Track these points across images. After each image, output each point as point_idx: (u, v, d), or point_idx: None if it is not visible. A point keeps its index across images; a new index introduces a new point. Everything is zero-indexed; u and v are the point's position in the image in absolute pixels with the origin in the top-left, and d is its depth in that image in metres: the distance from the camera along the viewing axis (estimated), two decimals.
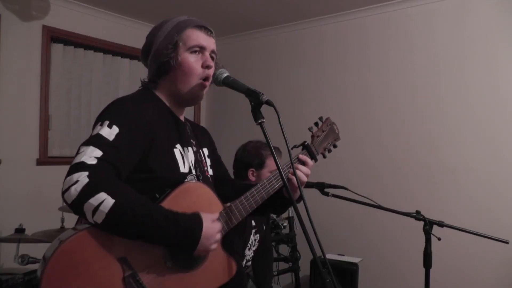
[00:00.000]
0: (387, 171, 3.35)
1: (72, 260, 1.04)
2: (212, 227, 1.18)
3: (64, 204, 2.35)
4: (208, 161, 1.48)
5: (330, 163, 3.27)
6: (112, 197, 1.03)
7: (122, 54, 3.83)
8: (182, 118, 1.43)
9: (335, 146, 1.63)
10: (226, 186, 1.51)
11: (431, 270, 1.90)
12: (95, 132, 1.14)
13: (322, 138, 1.57)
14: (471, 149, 3.00)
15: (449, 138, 3.08)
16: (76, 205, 1.04)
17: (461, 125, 3.05)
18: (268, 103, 1.21)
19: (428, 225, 1.87)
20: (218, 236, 1.21)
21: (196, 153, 1.39)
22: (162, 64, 1.31)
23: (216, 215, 1.25)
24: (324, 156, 1.59)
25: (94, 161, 1.07)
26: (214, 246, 1.20)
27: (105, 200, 1.03)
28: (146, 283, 1.13)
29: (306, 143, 1.51)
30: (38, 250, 2.30)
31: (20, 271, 2.44)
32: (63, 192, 1.05)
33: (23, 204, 3.08)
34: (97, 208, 1.02)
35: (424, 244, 1.89)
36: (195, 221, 1.15)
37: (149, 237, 1.10)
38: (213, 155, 1.55)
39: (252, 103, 1.23)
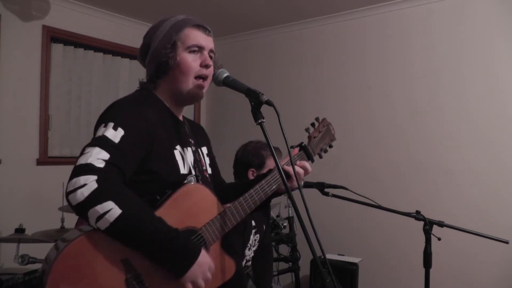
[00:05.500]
0: (386, 171, 3.35)
1: (76, 262, 1.05)
2: (208, 260, 1.17)
3: (65, 204, 2.34)
4: (207, 160, 1.49)
5: (330, 163, 3.28)
6: (120, 207, 1.02)
7: (122, 54, 3.83)
8: (181, 117, 1.42)
9: (330, 146, 1.65)
10: (217, 187, 1.52)
11: (431, 270, 1.90)
12: (99, 133, 1.13)
13: (319, 139, 1.58)
14: (470, 150, 3.00)
15: (448, 139, 3.08)
16: (81, 209, 1.03)
17: (459, 126, 3.05)
18: (268, 103, 1.20)
19: (428, 225, 1.87)
20: (209, 274, 1.18)
21: (195, 153, 1.39)
22: (161, 64, 1.30)
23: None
24: (320, 157, 1.61)
25: (102, 164, 1.05)
26: (200, 281, 1.15)
27: (112, 210, 1.02)
28: (148, 284, 1.13)
29: (303, 144, 1.51)
30: (38, 250, 2.30)
31: (20, 271, 2.44)
32: (68, 193, 1.03)
33: (23, 204, 3.07)
34: (102, 216, 1.02)
35: (424, 244, 1.89)
36: (193, 250, 1.14)
37: (146, 253, 1.10)
38: (211, 153, 1.55)
39: (252, 103, 1.23)
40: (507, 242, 1.84)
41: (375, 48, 3.46)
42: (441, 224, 1.87)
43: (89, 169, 1.04)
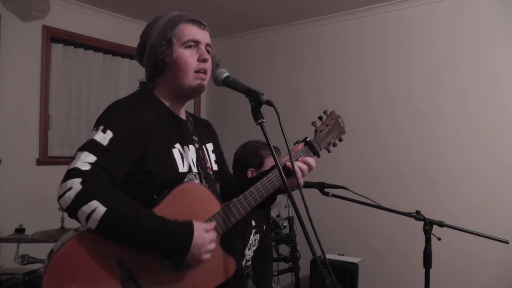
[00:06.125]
0: (386, 171, 3.35)
1: (71, 262, 1.06)
2: (204, 236, 1.17)
3: None
4: (213, 156, 1.48)
5: (330, 163, 3.28)
6: (104, 205, 1.04)
7: (122, 54, 3.83)
8: (182, 114, 1.41)
9: (340, 140, 1.59)
10: (224, 183, 1.51)
11: (431, 270, 1.90)
12: (90, 137, 1.16)
13: (326, 133, 1.53)
14: (470, 150, 3.00)
15: (448, 139, 3.08)
16: (71, 211, 1.06)
17: (459, 126, 3.05)
18: (268, 103, 1.20)
19: (428, 225, 1.87)
20: (211, 246, 1.19)
21: (198, 150, 1.38)
22: (158, 62, 1.30)
23: (212, 224, 1.24)
24: (329, 151, 1.56)
25: (87, 167, 1.08)
26: (206, 256, 1.18)
27: (97, 208, 1.04)
28: (143, 284, 1.13)
29: (308, 139, 1.48)
30: (38, 250, 2.31)
31: (20, 271, 2.44)
32: (59, 198, 1.07)
33: (23, 204, 3.07)
34: (89, 215, 1.04)
35: (424, 244, 1.89)
36: (186, 231, 1.14)
37: (139, 246, 1.11)
38: (218, 149, 1.54)
39: (252, 103, 1.23)
40: (507, 242, 1.84)
41: (375, 48, 3.46)
42: (441, 224, 1.87)
43: (75, 172, 1.07)
